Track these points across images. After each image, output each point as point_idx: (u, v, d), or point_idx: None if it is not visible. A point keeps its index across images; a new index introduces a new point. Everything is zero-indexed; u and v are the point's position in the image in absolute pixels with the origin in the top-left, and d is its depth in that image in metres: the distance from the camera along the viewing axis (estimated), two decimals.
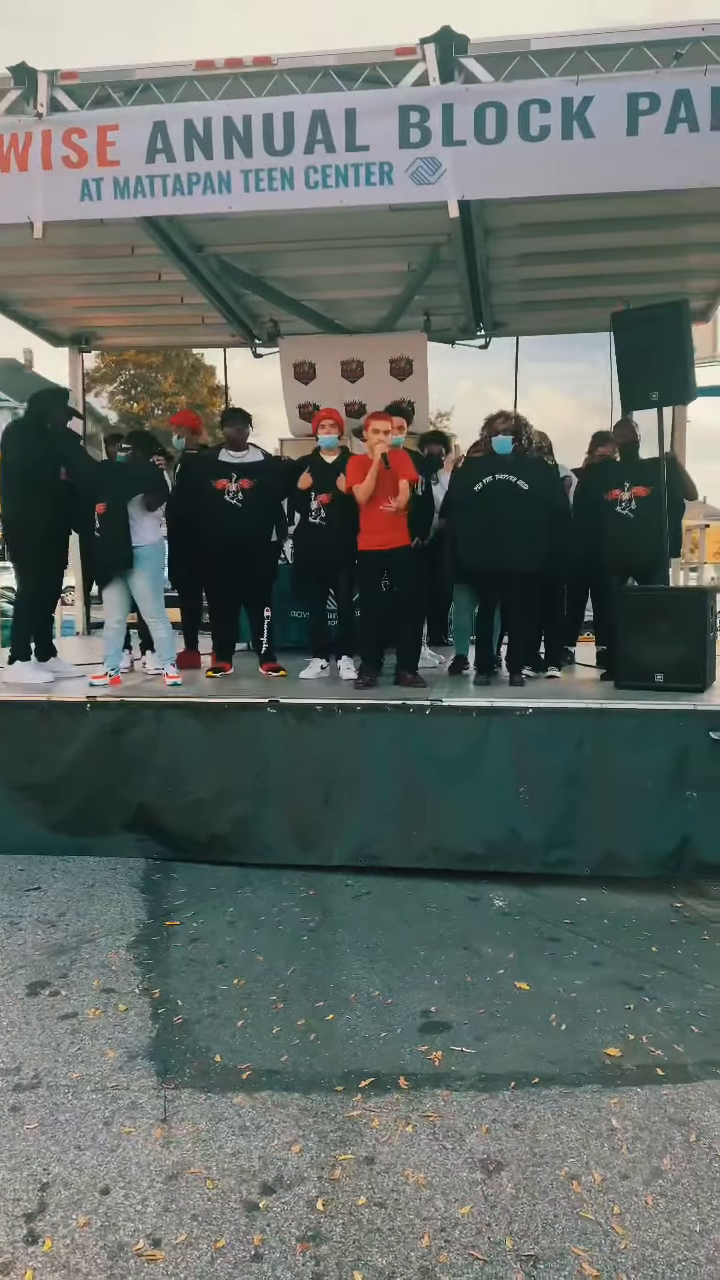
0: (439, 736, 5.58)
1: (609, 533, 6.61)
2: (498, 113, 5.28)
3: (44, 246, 6.74)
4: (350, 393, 9.24)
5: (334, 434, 6.74)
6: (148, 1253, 2.63)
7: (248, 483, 6.81)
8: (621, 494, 6.59)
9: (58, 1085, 3.46)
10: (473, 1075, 3.54)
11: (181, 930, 4.87)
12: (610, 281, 8.30)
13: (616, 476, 6.70)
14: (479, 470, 6.35)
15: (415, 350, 9.17)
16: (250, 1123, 3.24)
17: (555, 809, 5.47)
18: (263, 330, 9.86)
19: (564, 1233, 2.71)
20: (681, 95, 5.17)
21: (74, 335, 10.37)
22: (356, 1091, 3.42)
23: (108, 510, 6.35)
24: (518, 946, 4.67)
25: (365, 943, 4.70)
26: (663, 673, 5.96)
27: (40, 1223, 2.75)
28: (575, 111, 5.22)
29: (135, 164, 5.55)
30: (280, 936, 4.78)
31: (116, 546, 6.37)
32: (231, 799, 5.71)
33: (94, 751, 5.87)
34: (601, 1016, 3.99)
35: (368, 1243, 2.67)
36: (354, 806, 5.59)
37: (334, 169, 5.41)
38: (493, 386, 49.90)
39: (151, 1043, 3.77)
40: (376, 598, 6.34)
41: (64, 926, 4.89)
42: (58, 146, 5.61)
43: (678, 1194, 2.88)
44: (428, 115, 5.34)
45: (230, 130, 5.44)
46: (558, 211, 6.79)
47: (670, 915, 5.13)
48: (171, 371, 37.66)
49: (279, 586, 7.36)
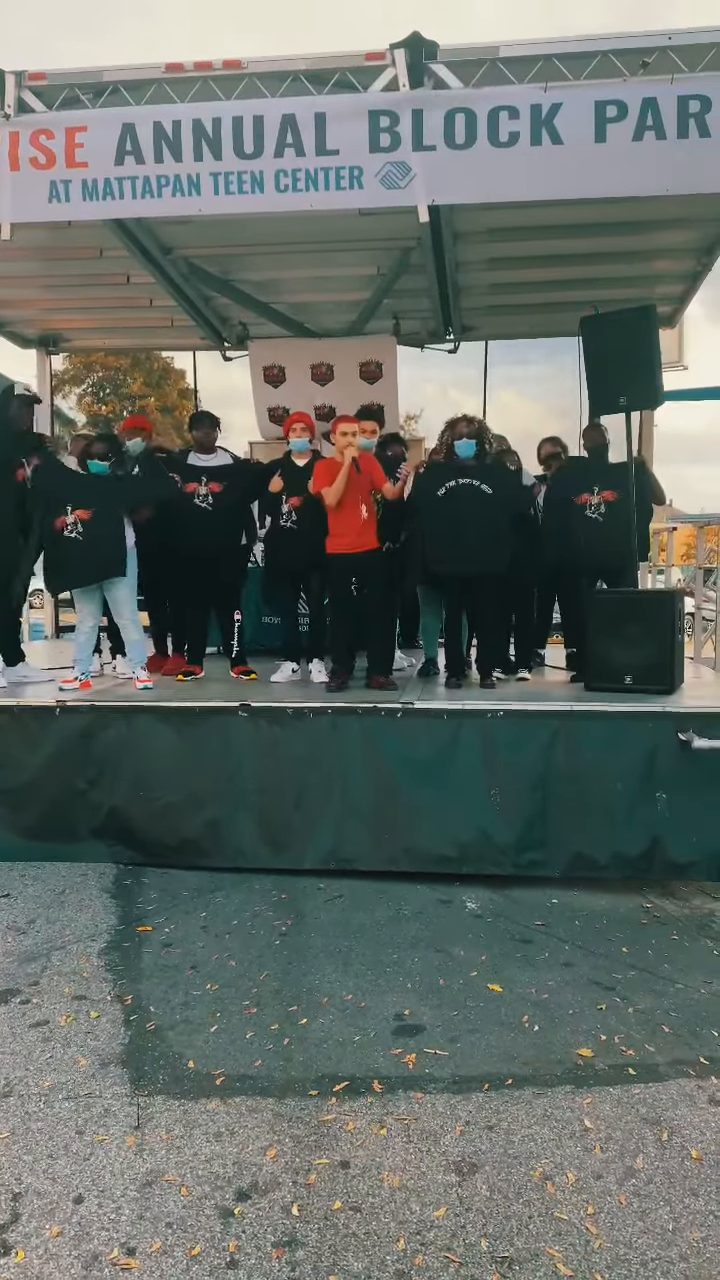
0: (410, 739, 5.59)
1: (578, 536, 6.65)
2: (467, 118, 5.31)
3: (11, 248, 6.69)
4: (320, 396, 9.24)
5: (305, 437, 6.73)
6: (122, 1261, 2.61)
7: (217, 486, 6.80)
8: (591, 498, 6.64)
9: (29, 1094, 3.43)
10: (446, 1077, 3.55)
11: (153, 936, 4.84)
12: (579, 287, 8.36)
13: (586, 480, 6.74)
14: (442, 474, 6.38)
15: (385, 354, 9.19)
16: (224, 1128, 3.22)
17: (526, 811, 5.50)
18: (232, 333, 9.84)
19: (539, 1233, 2.73)
20: (649, 103, 5.22)
21: (41, 337, 10.30)
22: (330, 1095, 3.42)
23: (98, 516, 6.31)
24: (490, 948, 4.69)
25: (338, 946, 4.69)
26: (632, 675, 6.00)
27: (12, 1234, 2.72)
28: (544, 118, 5.26)
29: (104, 166, 5.53)
30: (253, 941, 4.77)
31: (111, 551, 6.37)
32: (202, 803, 5.69)
33: (63, 756, 5.83)
34: (573, 1017, 4.01)
35: (343, 1247, 2.67)
36: (326, 810, 5.59)
37: (304, 172, 5.41)
38: (459, 390, 50.13)
39: (124, 1050, 3.75)
40: (346, 601, 6.34)
41: (34, 933, 4.85)
42: (25, 148, 5.57)
43: (650, 1193, 2.90)
44: (398, 120, 5.37)
45: (200, 133, 5.43)
46: (526, 216, 6.83)
47: (641, 916, 5.17)
48: (140, 374, 37.48)
49: (250, 590, 7.34)
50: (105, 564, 6.41)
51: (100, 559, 6.39)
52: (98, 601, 6.59)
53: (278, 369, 9.46)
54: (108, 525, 6.37)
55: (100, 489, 6.43)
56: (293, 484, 6.61)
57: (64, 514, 6.31)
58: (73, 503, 6.32)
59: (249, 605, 7.62)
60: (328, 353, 9.28)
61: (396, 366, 9.24)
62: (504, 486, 6.36)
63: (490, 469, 6.44)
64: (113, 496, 6.45)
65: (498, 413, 49.79)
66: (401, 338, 9.36)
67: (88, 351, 21.22)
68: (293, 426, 6.77)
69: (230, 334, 9.89)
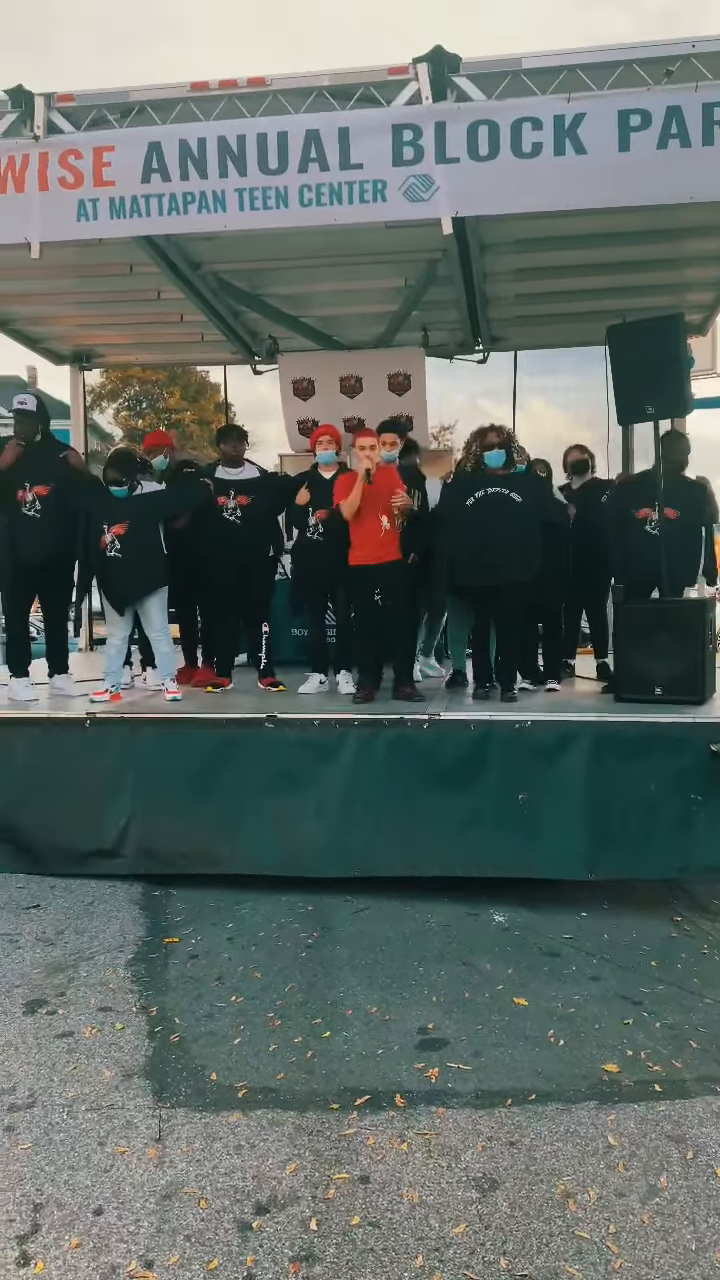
0: (437, 749, 5.57)
1: (636, 550, 6.54)
2: (490, 130, 5.30)
3: (43, 265, 6.79)
4: (349, 408, 9.26)
5: (332, 450, 6.76)
6: (140, 1274, 2.62)
7: (245, 499, 6.84)
8: (652, 513, 6.51)
9: (53, 1105, 3.45)
10: (469, 1092, 3.53)
11: (180, 947, 4.86)
12: (607, 296, 8.31)
13: (650, 495, 6.59)
14: (471, 484, 6.35)
15: (413, 366, 9.19)
16: (245, 1141, 3.23)
17: (554, 819, 5.44)
18: (262, 347, 9.89)
19: (558, 1252, 2.70)
20: (673, 111, 5.19)
21: (74, 353, 10.42)
22: (352, 1109, 3.41)
23: (133, 530, 6.39)
24: (517, 962, 4.66)
25: (363, 959, 4.69)
26: (662, 685, 5.95)
27: (33, 1244, 2.74)
28: (567, 128, 5.24)
29: (131, 184, 5.58)
30: (279, 953, 4.77)
31: (150, 567, 6.49)
32: (229, 813, 5.70)
33: (93, 768, 5.87)
34: (599, 1032, 3.97)
35: (361, 1263, 2.66)
36: (351, 819, 5.58)
37: (328, 187, 5.43)
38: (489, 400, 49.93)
39: (148, 1061, 3.76)
40: (370, 613, 6.33)
41: (63, 944, 4.89)
42: (54, 168, 5.64)
43: (674, 1212, 2.87)
44: (420, 133, 5.37)
45: (225, 150, 5.47)
46: (553, 226, 6.82)
47: (670, 930, 5.11)
48: (177, 388, 37.83)
49: (277, 602, 7.37)
50: (146, 581, 6.52)
51: (141, 576, 6.51)
52: (130, 614, 6.67)
53: (307, 382, 9.50)
54: (145, 541, 6.45)
55: (133, 504, 6.50)
56: (319, 497, 6.63)
57: (103, 533, 6.41)
58: (108, 520, 6.41)
59: (279, 617, 7.64)
60: (356, 365, 9.30)
61: (425, 378, 9.24)
62: (534, 494, 6.32)
63: (520, 478, 6.40)
64: (147, 511, 6.52)
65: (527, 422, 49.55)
66: (430, 349, 9.34)
67: (120, 367, 21.41)
68: (319, 439, 6.80)
69: (260, 348, 9.94)
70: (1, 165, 5.70)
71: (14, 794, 5.92)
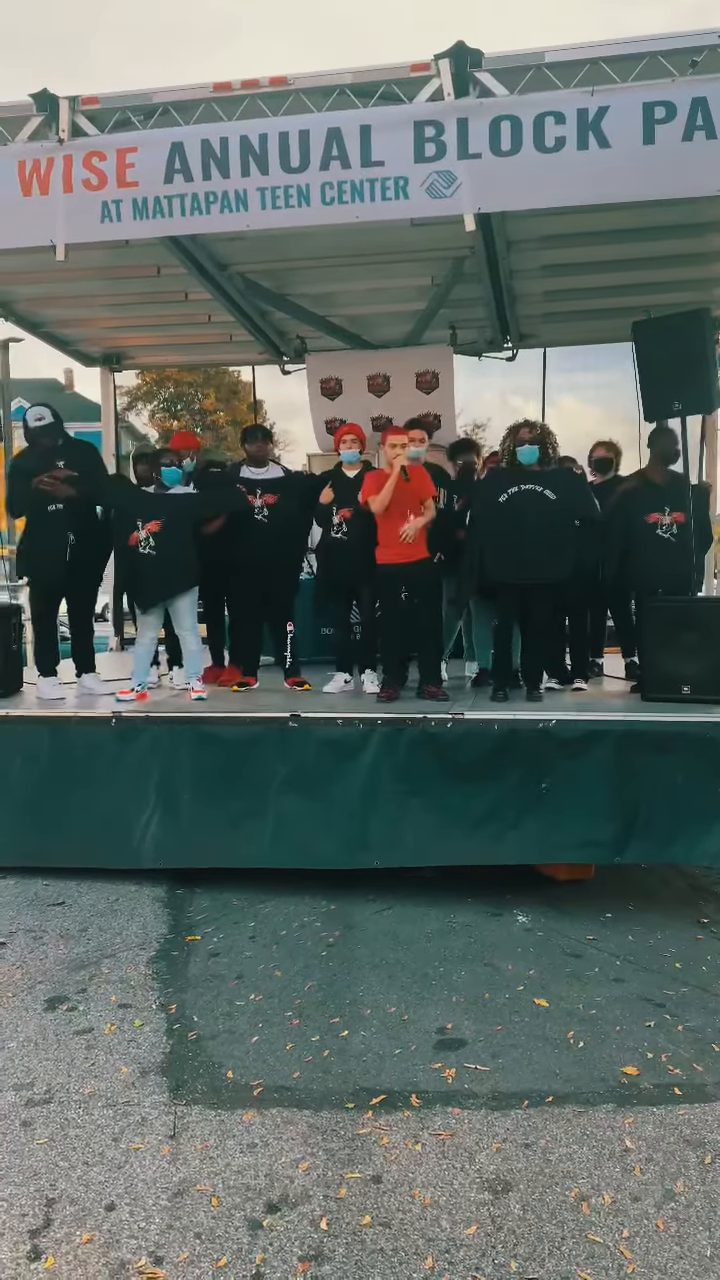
0: (460, 748, 5.54)
1: (648, 555, 6.48)
2: (512, 125, 5.27)
3: (72, 268, 6.84)
4: (377, 407, 9.23)
5: (356, 449, 6.74)
6: (149, 1270, 2.62)
7: (273, 498, 6.85)
8: (663, 518, 6.46)
9: (69, 1101, 3.47)
10: (486, 1093, 3.50)
11: (202, 945, 4.88)
12: (636, 292, 8.23)
13: (658, 500, 6.53)
14: (504, 480, 6.29)
15: (441, 364, 9.15)
16: (258, 1140, 3.22)
17: (579, 814, 5.40)
18: (290, 347, 9.91)
19: (570, 1256, 2.67)
20: (698, 103, 5.12)
21: (105, 355, 10.49)
22: (367, 1109, 3.39)
23: (168, 529, 6.44)
24: (538, 963, 4.62)
25: (384, 958, 4.67)
26: (689, 685, 5.87)
27: (44, 1239, 2.75)
28: (590, 122, 5.19)
29: (154, 185, 5.61)
30: (299, 951, 4.77)
31: (183, 567, 6.54)
32: (253, 811, 5.70)
33: (118, 766, 5.90)
34: (620, 1034, 3.93)
35: (370, 1264, 2.64)
36: (373, 814, 5.56)
37: (349, 185, 5.43)
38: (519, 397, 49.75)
39: (165, 1059, 3.77)
40: (397, 612, 6.31)
41: (86, 941, 4.92)
42: (79, 170, 5.68)
43: (690, 1217, 2.82)
44: (443, 129, 5.35)
45: (247, 149, 5.48)
46: (579, 223, 6.76)
47: (696, 931, 5.05)
48: (212, 389, 38.04)
49: (301, 601, 7.36)
50: (178, 580, 6.56)
51: (173, 576, 6.55)
52: (160, 614, 6.72)
53: (335, 381, 9.49)
54: (178, 540, 6.48)
55: (169, 504, 6.53)
56: (343, 496, 6.61)
57: (135, 529, 6.45)
58: (143, 517, 6.45)
59: (305, 616, 7.64)
60: (384, 364, 9.28)
61: (453, 376, 9.20)
62: (569, 491, 6.23)
63: (554, 474, 6.32)
64: (182, 511, 6.55)
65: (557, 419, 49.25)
66: (458, 347, 9.31)
67: (149, 368, 21.50)
68: (344, 438, 6.78)
69: (288, 347, 9.96)
70: (27, 169, 5.76)
71: (41, 791, 5.96)
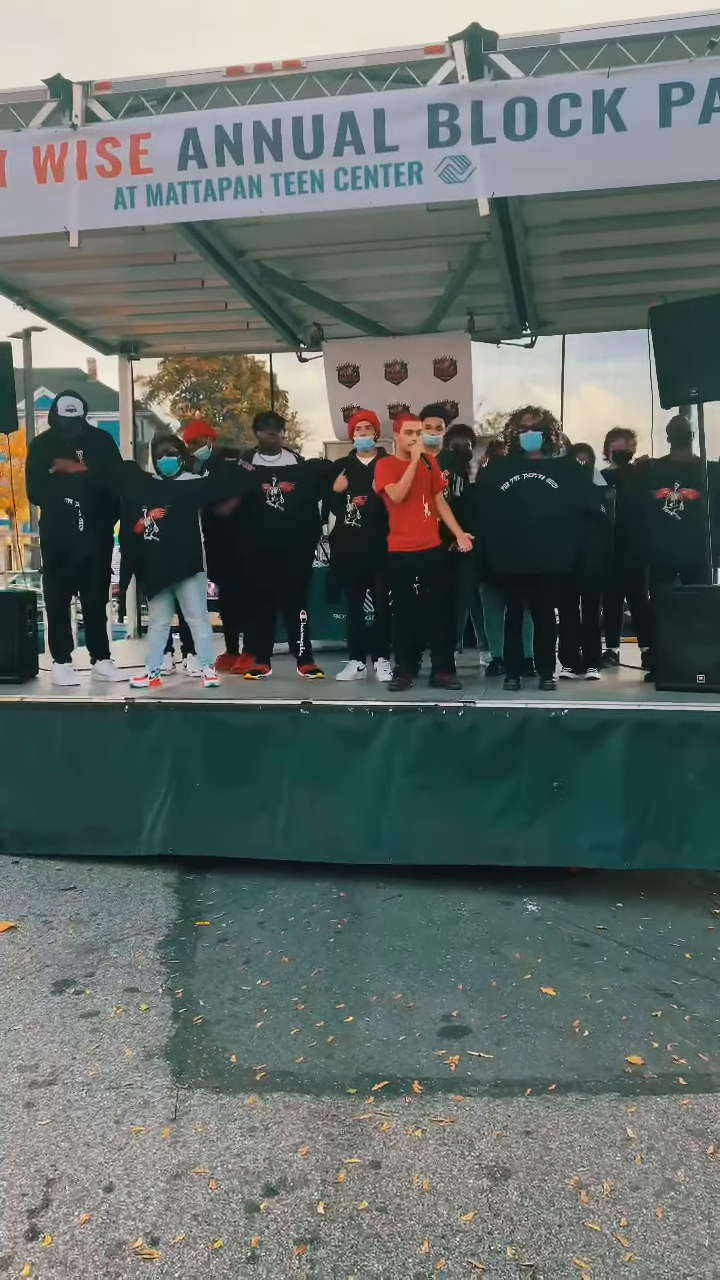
0: (472, 737, 5.52)
1: (655, 532, 6.47)
2: (527, 108, 5.22)
3: (89, 256, 6.85)
4: (394, 395, 9.20)
5: (370, 436, 6.70)
6: (145, 1251, 2.64)
7: (288, 485, 6.84)
8: (670, 494, 6.46)
9: (73, 1083, 3.49)
10: (488, 1081, 3.49)
11: (210, 931, 4.89)
12: (656, 278, 8.15)
13: (669, 477, 6.55)
14: (506, 469, 6.26)
15: (459, 351, 9.11)
16: (259, 1124, 3.23)
17: (592, 808, 5.37)
18: (307, 334, 9.88)
19: (567, 1243, 2.66)
20: (716, 84, 5.05)
21: (123, 343, 10.52)
22: (369, 1095, 3.39)
23: (172, 515, 6.44)
24: (547, 951, 4.61)
25: (392, 945, 4.67)
26: (704, 673, 5.82)
27: (42, 1218, 2.77)
28: (606, 104, 5.13)
29: (168, 171, 5.59)
30: (307, 938, 4.77)
31: (188, 553, 6.53)
32: (264, 799, 5.71)
33: (130, 752, 5.92)
34: (626, 1024, 3.91)
35: (365, 1248, 2.64)
36: (386, 807, 5.55)
37: (363, 170, 5.39)
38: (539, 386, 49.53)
39: (169, 1042, 3.78)
40: (409, 600, 6.28)
41: (95, 926, 4.94)
42: (92, 156, 5.68)
43: (689, 1207, 2.81)
44: (457, 113, 5.30)
45: (260, 134, 5.46)
46: (597, 207, 6.70)
47: (707, 922, 5.02)
48: (232, 377, 38.10)
49: (314, 588, 7.35)
50: (184, 565, 6.55)
51: (178, 561, 6.54)
52: (169, 600, 6.73)
53: (352, 369, 9.47)
54: (183, 526, 6.48)
55: (174, 490, 6.54)
56: (357, 483, 6.59)
57: (141, 516, 6.46)
58: (148, 505, 6.46)
59: (318, 602, 7.63)
60: (402, 351, 9.24)
61: (471, 363, 9.16)
62: (571, 481, 6.20)
63: (557, 462, 6.30)
64: (187, 496, 6.56)
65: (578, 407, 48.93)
66: (476, 334, 9.26)
67: (167, 356, 21.51)
68: (358, 425, 6.75)
69: (305, 335, 9.93)
70: (41, 155, 5.75)
71: (54, 777, 5.99)
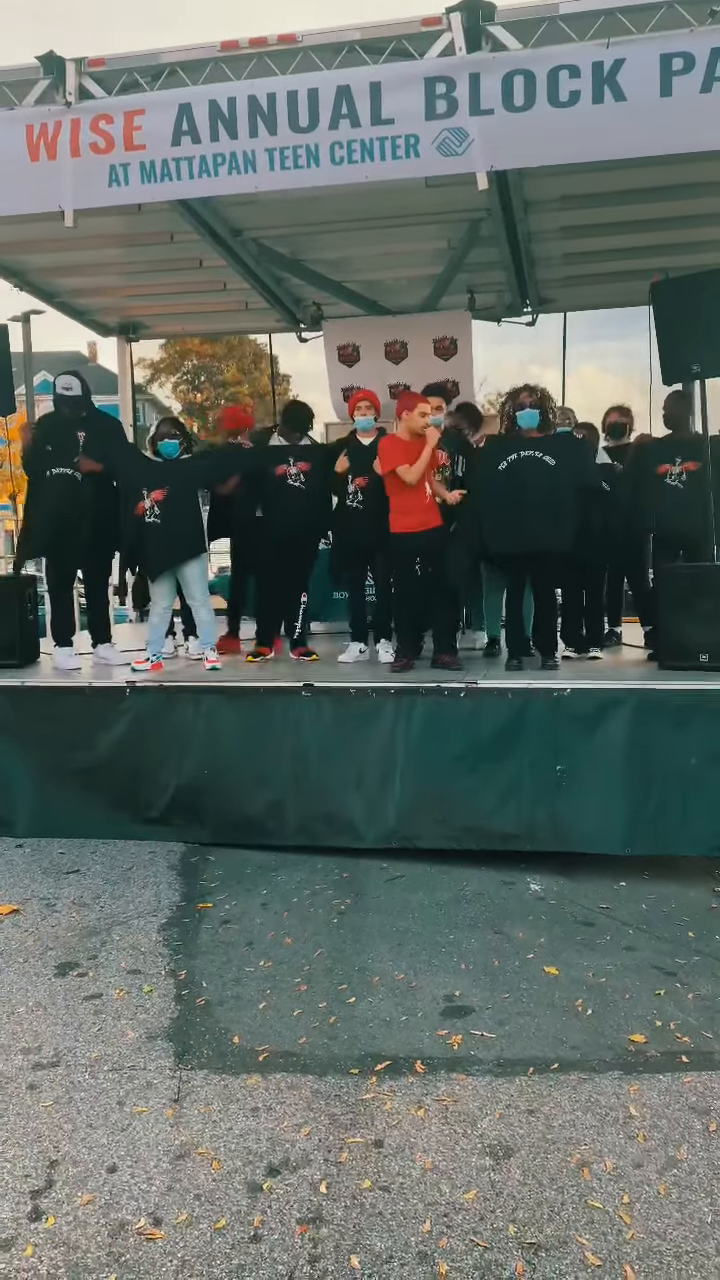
0: (474, 718, 5.50)
1: (659, 506, 6.43)
2: (525, 80, 5.14)
3: (86, 236, 6.80)
4: (394, 374, 9.14)
5: (370, 416, 6.66)
6: (148, 1231, 2.64)
7: (306, 465, 6.79)
8: (672, 468, 6.42)
9: (76, 1064, 3.49)
10: (491, 1060, 3.49)
11: (213, 912, 4.89)
12: (658, 253, 8.07)
13: (670, 452, 6.52)
14: (504, 447, 6.21)
15: (459, 329, 9.04)
16: (262, 1104, 3.23)
17: (593, 789, 5.35)
18: (306, 314, 9.83)
19: (569, 1221, 2.65)
20: (717, 53, 4.98)
21: (121, 325, 10.46)
22: (371, 1074, 3.39)
23: (172, 497, 6.41)
24: (550, 931, 4.60)
25: (395, 926, 4.66)
26: (707, 652, 5.79)
27: (45, 1199, 2.77)
28: (606, 75, 5.06)
29: (161, 147, 5.53)
30: (310, 919, 4.77)
31: (188, 535, 6.52)
32: (266, 782, 5.70)
33: (133, 736, 5.91)
34: (629, 1002, 3.90)
35: (368, 1226, 2.64)
36: (387, 789, 5.54)
37: (359, 144, 5.32)
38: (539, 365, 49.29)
39: (172, 1024, 3.78)
40: (411, 581, 6.25)
41: (98, 909, 4.94)
42: (86, 134, 5.61)
43: (691, 1184, 2.80)
44: (454, 86, 5.23)
45: (255, 109, 5.39)
46: (598, 182, 6.64)
47: (711, 900, 5.01)
48: (234, 360, 37.94)
49: (316, 569, 7.31)
50: (185, 548, 6.53)
51: (179, 543, 6.52)
52: (171, 583, 6.71)
53: (352, 348, 9.40)
54: (184, 508, 6.46)
55: (174, 472, 6.50)
56: (358, 463, 6.55)
57: (142, 499, 6.43)
58: (149, 487, 6.43)
59: (320, 582, 7.60)
60: (402, 330, 9.18)
61: (471, 342, 9.09)
62: (569, 458, 6.15)
63: (555, 440, 6.24)
64: (187, 478, 6.52)
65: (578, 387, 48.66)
66: (477, 312, 9.19)
67: (166, 337, 21.40)
68: (358, 404, 6.70)
69: (305, 315, 9.88)
70: (34, 133, 5.68)
71: (56, 761, 5.98)
